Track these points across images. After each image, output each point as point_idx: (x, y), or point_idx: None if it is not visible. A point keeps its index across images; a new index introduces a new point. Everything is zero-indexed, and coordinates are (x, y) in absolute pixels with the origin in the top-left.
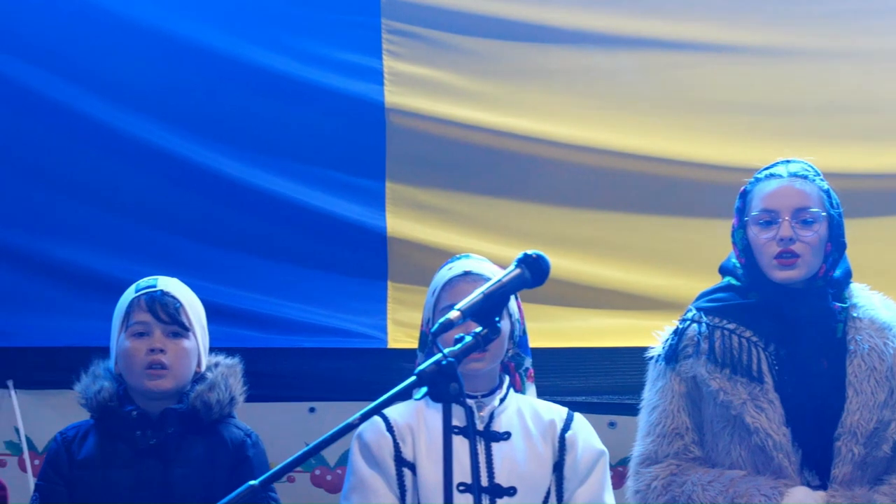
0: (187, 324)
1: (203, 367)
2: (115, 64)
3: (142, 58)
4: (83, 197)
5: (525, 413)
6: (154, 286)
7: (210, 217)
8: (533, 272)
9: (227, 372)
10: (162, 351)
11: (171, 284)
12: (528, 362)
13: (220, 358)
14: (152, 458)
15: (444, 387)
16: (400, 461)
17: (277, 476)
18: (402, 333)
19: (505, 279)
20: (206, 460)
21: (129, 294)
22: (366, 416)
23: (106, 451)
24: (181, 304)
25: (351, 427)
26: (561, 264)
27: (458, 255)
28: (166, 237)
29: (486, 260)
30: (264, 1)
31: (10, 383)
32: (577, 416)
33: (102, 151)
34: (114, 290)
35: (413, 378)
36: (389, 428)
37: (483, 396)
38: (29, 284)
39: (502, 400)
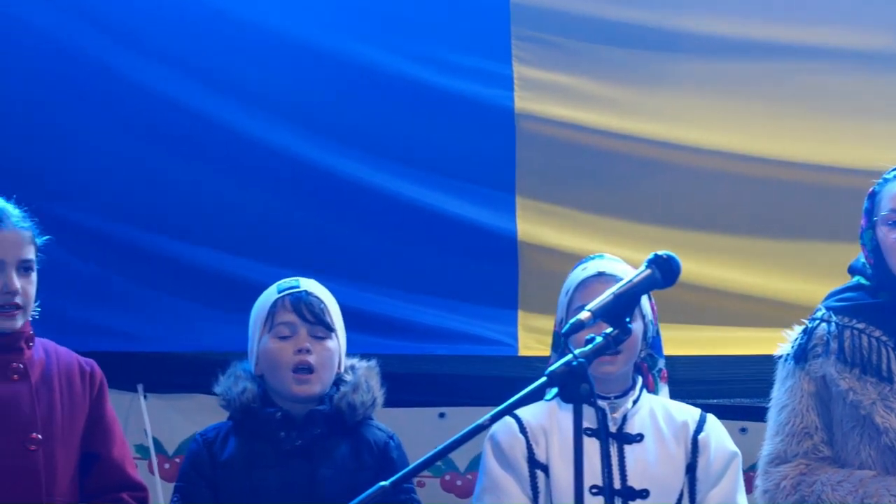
0: (331, 324)
1: (342, 369)
2: (252, 72)
3: (276, 65)
4: (215, 202)
5: (658, 414)
6: (297, 287)
7: (340, 222)
8: (663, 273)
9: (367, 374)
10: (308, 351)
11: (312, 285)
12: (661, 363)
13: (356, 360)
14: (298, 459)
15: (575, 388)
16: (533, 462)
17: (408, 477)
18: (533, 340)
19: (636, 280)
20: (351, 462)
21: (272, 295)
22: (496, 417)
23: (250, 452)
24: (325, 305)
25: (481, 428)
26: (692, 269)
27: (591, 255)
28: (297, 242)
29: (620, 260)
30: (394, 8)
31: (140, 388)
32: (710, 417)
33: (237, 158)
34: (247, 294)
35: (544, 379)
36: (522, 429)
37: (616, 398)
38: (158, 290)
39: (635, 401)
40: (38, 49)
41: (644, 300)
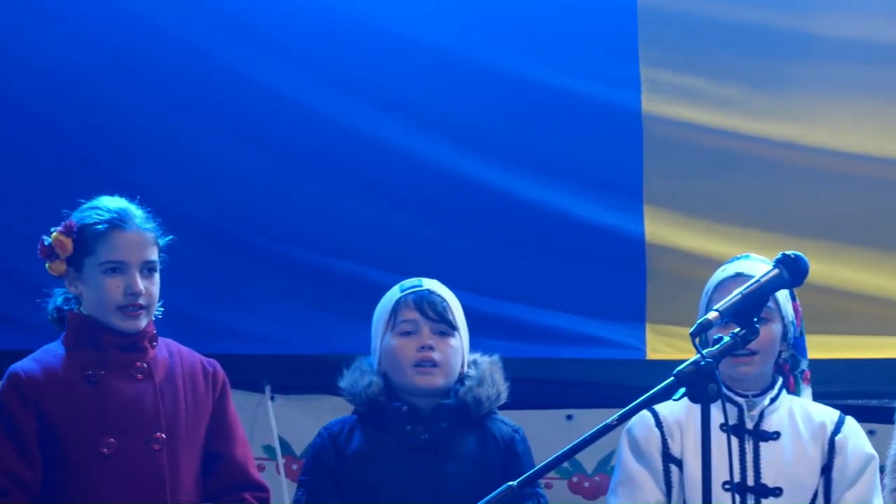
0: (454, 322)
1: (465, 368)
2: (381, 77)
3: (404, 69)
4: (339, 210)
5: (796, 414)
6: (420, 286)
7: (465, 227)
8: (791, 272)
9: (491, 368)
10: (431, 348)
11: (435, 284)
12: (804, 364)
13: (477, 355)
14: (424, 453)
15: (703, 387)
16: (667, 457)
17: (536, 477)
18: (661, 343)
19: (763, 280)
20: (477, 455)
21: (395, 294)
22: (624, 417)
23: (376, 446)
24: (448, 303)
25: (609, 428)
26: (824, 271)
27: (737, 256)
28: (424, 244)
29: (765, 260)
30: (522, 12)
31: (267, 389)
32: (849, 419)
33: (361, 167)
34: (374, 298)
35: (671, 379)
36: (658, 424)
37: (754, 396)
38: (286, 294)
39: (773, 400)
40: (172, 52)
41: (786, 301)
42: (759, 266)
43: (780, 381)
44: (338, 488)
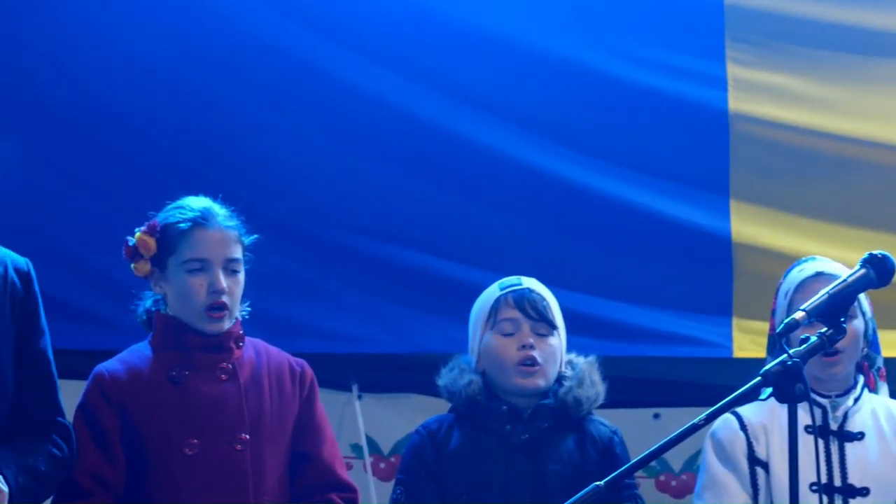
0: (554, 321)
1: (563, 367)
2: (474, 76)
3: (496, 68)
4: (429, 207)
5: (879, 413)
6: (520, 284)
7: (554, 226)
8: (878, 272)
9: (589, 368)
10: (532, 347)
11: (534, 283)
12: (879, 361)
13: (573, 355)
14: (524, 453)
15: (790, 387)
16: (753, 460)
17: (623, 476)
18: (747, 341)
19: (850, 279)
20: (576, 456)
21: (494, 292)
22: (711, 417)
23: (475, 445)
24: (547, 302)
25: (696, 428)
26: None
27: (804, 258)
28: (513, 242)
29: (833, 261)
30: (610, 9)
31: (354, 388)
32: None
33: (455, 164)
34: (462, 297)
35: (758, 379)
36: (743, 427)
37: (837, 396)
38: (373, 292)
39: (856, 400)
40: (255, 53)
41: (863, 298)
42: (834, 265)
43: (861, 380)
44: (436, 486)
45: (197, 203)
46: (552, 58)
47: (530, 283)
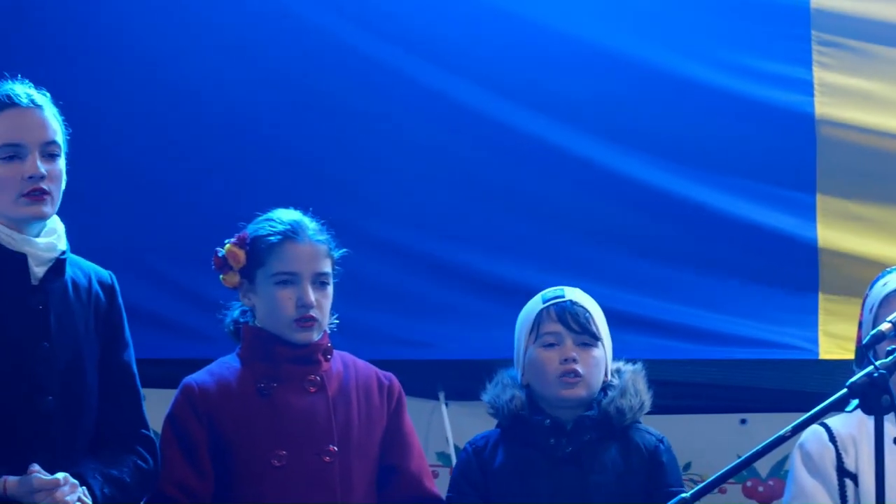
0: (597, 333)
1: (609, 377)
2: (547, 77)
3: (577, 72)
4: (510, 208)
5: None
6: (562, 296)
7: (638, 229)
8: None
9: (634, 377)
10: (575, 360)
11: (577, 294)
12: None
13: (621, 363)
14: (569, 465)
15: (876, 399)
16: (842, 472)
17: (710, 488)
18: (833, 345)
19: None
20: (621, 466)
21: (537, 305)
22: (798, 429)
23: (520, 459)
24: (590, 314)
25: (782, 440)
26: None
27: (888, 270)
28: (595, 249)
29: None
30: (695, 15)
31: (441, 395)
32: None
33: (533, 163)
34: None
35: (844, 391)
36: (832, 438)
37: None
38: (455, 297)
39: None
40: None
41: None
42: None
43: None
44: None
45: (287, 216)
46: (640, 65)
47: (573, 293)
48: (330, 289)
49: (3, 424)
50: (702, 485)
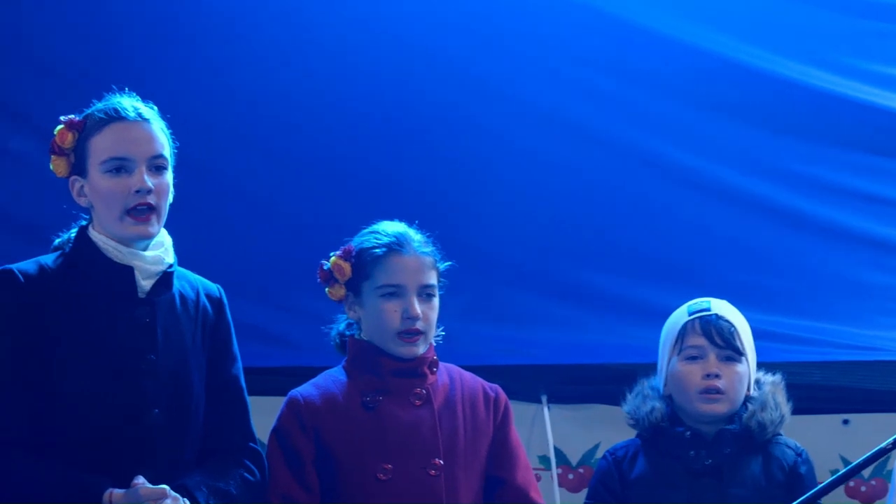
0: (741, 348)
1: (751, 391)
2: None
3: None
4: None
5: None
6: (708, 309)
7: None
8: None
9: (774, 390)
10: (717, 376)
11: (723, 307)
12: None
13: (761, 374)
14: (708, 478)
15: None
16: None
17: (816, 497)
18: None
19: None
20: (761, 481)
21: (682, 317)
22: None
23: (658, 470)
24: (735, 328)
25: (884, 452)
26: None
27: None
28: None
29: None
30: (800, 16)
31: (543, 398)
32: None
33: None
34: (648, 309)
35: None
36: None
37: None
38: (560, 304)
39: None
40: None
41: None
42: None
43: None
44: None
45: (392, 228)
46: (741, 65)
47: (719, 306)
48: (436, 301)
49: (109, 437)
50: (807, 494)
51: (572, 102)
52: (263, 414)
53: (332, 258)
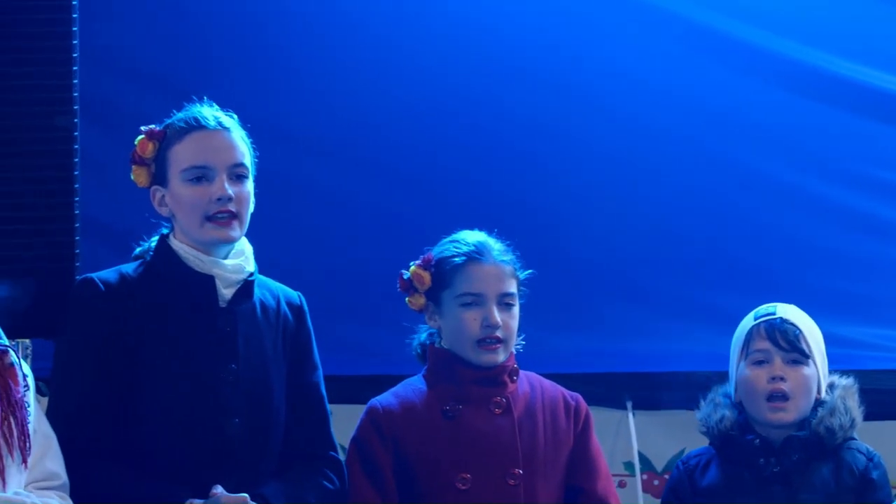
0: (807, 351)
1: (822, 394)
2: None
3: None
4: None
5: None
6: (773, 313)
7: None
8: None
9: (845, 394)
10: (782, 379)
11: (790, 311)
12: None
13: (835, 378)
14: (778, 485)
15: None
16: None
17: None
18: None
19: None
20: (831, 486)
21: (748, 322)
22: None
23: (729, 478)
24: (801, 331)
25: None
26: None
27: None
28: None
29: None
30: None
31: (628, 404)
32: None
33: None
34: (729, 317)
35: None
36: None
37: None
38: (642, 312)
39: None
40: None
41: None
42: None
43: None
44: None
45: (472, 237)
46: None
47: (785, 311)
48: (516, 309)
49: (189, 447)
50: None
51: (665, 112)
52: (344, 421)
53: (412, 267)
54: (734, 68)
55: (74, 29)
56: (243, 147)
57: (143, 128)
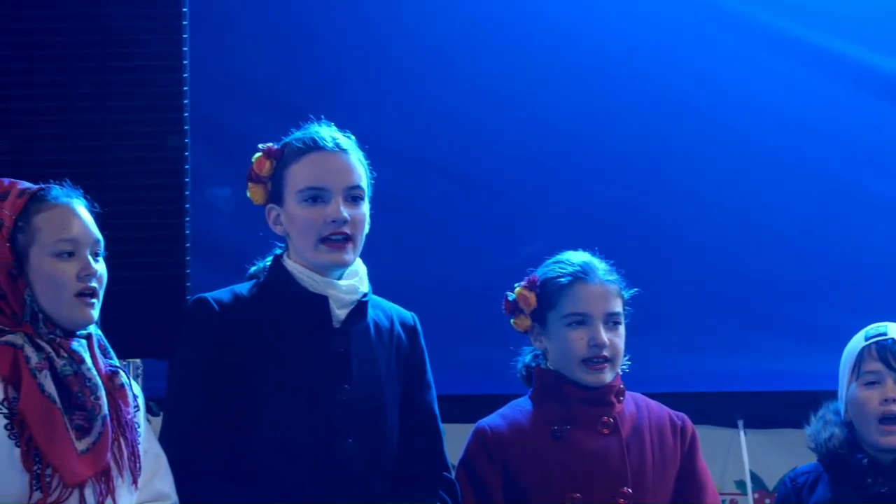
0: None
1: None
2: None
3: None
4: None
5: None
6: (885, 334)
7: None
8: None
9: None
10: (894, 401)
11: None
12: None
13: None
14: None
15: None
16: None
17: None
18: None
19: None
20: None
21: (859, 342)
22: None
23: (836, 497)
24: None
25: None
26: None
27: None
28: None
29: None
30: None
31: (740, 423)
32: None
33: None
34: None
35: None
36: None
37: None
38: (753, 331)
39: None
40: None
41: None
42: None
43: None
44: None
45: (577, 257)
46: None
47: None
48: (622, 329)
49: (302, 468)
50: None
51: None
52: (454, 441)
53: (517, 289)
54: (852, 87)
55: (185, 49)
56: (360, 169)
57: (260, 146)
